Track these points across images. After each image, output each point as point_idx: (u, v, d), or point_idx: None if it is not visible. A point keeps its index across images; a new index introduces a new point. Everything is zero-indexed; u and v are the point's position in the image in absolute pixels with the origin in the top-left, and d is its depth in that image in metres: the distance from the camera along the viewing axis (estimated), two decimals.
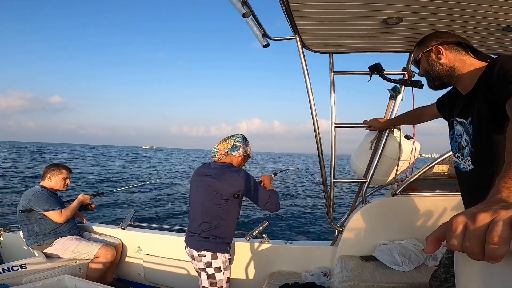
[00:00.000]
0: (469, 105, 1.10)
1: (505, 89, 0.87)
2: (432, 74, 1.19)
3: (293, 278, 2.26)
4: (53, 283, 1.85)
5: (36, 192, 2.60)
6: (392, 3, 1.38)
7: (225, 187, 1.76)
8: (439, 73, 1.16)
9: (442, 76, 1.16)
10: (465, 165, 1.14)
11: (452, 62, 1.13)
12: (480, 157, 1.06)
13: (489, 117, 0.99)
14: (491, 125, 0.99)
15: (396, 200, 2.23)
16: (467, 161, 1.12)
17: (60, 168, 2.81)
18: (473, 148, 1.08)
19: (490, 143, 1.01)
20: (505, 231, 0.41)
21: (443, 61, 1.14)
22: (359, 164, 2.19)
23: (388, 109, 2.07)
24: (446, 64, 1.14)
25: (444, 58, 1.14)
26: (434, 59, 1.16)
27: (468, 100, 1.10)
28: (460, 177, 1.21)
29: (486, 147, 1.03)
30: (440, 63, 1.15)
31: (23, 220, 2.59)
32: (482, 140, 1.04)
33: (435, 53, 1.15)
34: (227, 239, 1.85)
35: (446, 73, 1.15)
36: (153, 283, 2.79)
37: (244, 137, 1.98)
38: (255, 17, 1.55)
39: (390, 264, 2.00)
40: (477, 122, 1.05)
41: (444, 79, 1.16)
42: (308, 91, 1.88)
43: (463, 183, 1.20)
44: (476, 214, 0.45)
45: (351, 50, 1.98)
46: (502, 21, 1.49)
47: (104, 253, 2.59)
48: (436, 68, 1.16)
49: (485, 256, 0.43)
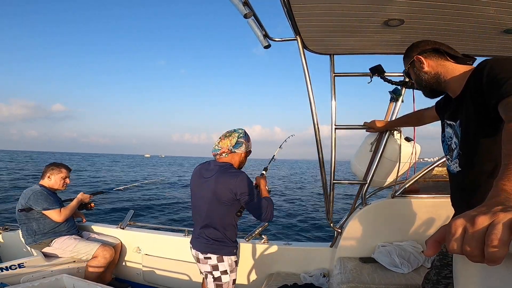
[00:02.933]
0: (458, 108, 1.11)
1: (496, 92, 0.87)
2: (421, 84, 1.22)
3: (292, 279, 2.26)
4: (51, 283, 1.85)
5: (35, 191, 2.59)
6: (394, 5, 1.38)
7: (223, 191, 1.69)
8: (426, 81, 1.19)
9: (430, 83, 1.19)
10: (453, 167, 1.16)
11: (435, 69, 1.16)
12: (466, 159, 1.08)
13: (477, 120, 1.00)
14: (478, 128, 1.00)
15: (395, 202, 2.23)
16: (455, 163, 1.14)
17: (60, 167, 2.80)
18: (461, 150, 1.09)
19: (476, 146, 1.02)
20: (504, 234, 0.41)
21: (426, 69, 1.18)
22: (359, 165, 2.19)
23: (389, 111, 2.07)
24: (430, 72, 1.17)
25: (426, 66, 1.17)
26: (418, 69, 1.20)
27: (458, 103, 1.12)
28: (450, 178, 1.23)
29: (472, 150, 1.04)
30: (424, 72, 1.18)
31: (22, 219, 2.58)
32: (469, 142, 1.05)
33: (417, 63, 1.19)
34: (233, 241, 1.80)
35: (432, 80, 1.18)
36: (151, 283, 2.79)
37: (246, 132, 1.87)
38: (256, 18, 1.55)
39: (389, 266, 1.99)
40: (465, 125, 1.07)
41: (433, 86, 1.19)
42: (309, 92, 1.88)
43: (451, 185, 1.22)
44: (475, 217, 0.46)
45: (352, 52, 1.98)
46: (504, 23, 1.49)
47: (102, 252, 2.59)
48: (422, 77, 1.20)
49: (484, 259, 0.43)
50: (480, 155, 1.02)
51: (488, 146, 0.99)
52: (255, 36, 1.64)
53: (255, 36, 1.64)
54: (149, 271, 2.77)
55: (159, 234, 2.85)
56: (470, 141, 1.05)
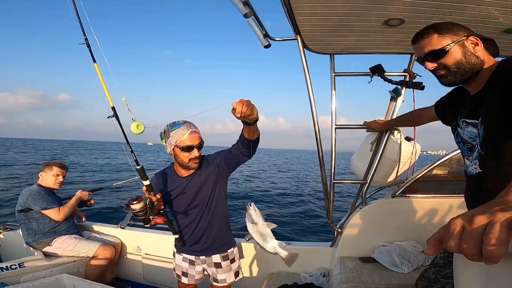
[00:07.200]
0: (479, 105, 1.04)
1: None
2: (464, 67, 1.04)
3: (292, 279, 2.26)
4: (51, 282, 1.85)
5: (33, 191, 2.59)
6: (394, 5, 1.37)
7: None
8: (473, 65, 1.03)
9: (474, 69, 1.04)
10: (472, 168, 1.09)
11: (483, 56, 1.04)
12: (488, 160, 1.01)
13: (503, 119, 0.94)
14: (505, 127, 0.94)
15: (395, 201, 2.22)
16: (474, 164, 1.07)
17: (51, 165, 2.74)
18: (482, 150, 1.02)
19: (499, 146, 0.96)
20: (502, 233, 0.42)
21: (479, 54, 1.03)
22: (360, 165, 2.19)
23: (389, 111, 2.07)
24: (480, 58, 1.03)
25: (481, 51, 1.04)
26: (471, 50, 1.03)
27: (478, 100, 1.05)
28: (467, 180, 1.16)
29: (495, 150, 0.98)
30: (476, 56, 1.03)
31: (21, 219, 2.59)
32: (492, 142, 0.99)
33: (471, 43, 1.04)
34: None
35: (477, 68, 1.04)
36: (152, 282, 2.79)
37: (168, 125, 1.64)
38: (256, 17, 1.55)
39: (389, 266, 1.99)
40: (488, 123, 0.99)
41: (473, 73, 1.05)
42: (309, 92, 1.88)
43: (468, 187, 1.15)
44: (474, 215, 0.46)
45: (352, 51, 1.97)
46: (505, 23, 1.48)
47: (103, 252, 2.59)
48: (471, 60, 1.03)
49: (482, 257, 0.43)
50: (503, 156, 0.96)
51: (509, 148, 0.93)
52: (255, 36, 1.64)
53: (255, 35, 1.64)
54: (149, 270, 2.77)
55: (159, 234, 2.85)
56: (493, 141, 0.98)
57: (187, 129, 1.59)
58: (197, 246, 1.79)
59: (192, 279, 1.86)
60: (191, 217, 1.75)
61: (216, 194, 1.74)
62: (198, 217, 1.75)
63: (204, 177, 1.72)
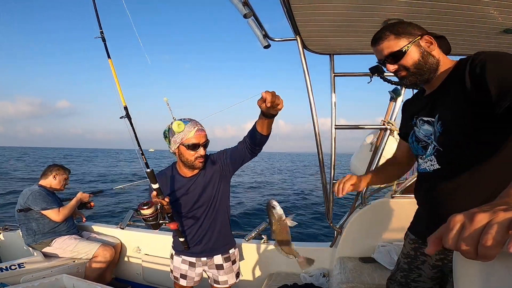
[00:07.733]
0: (436, 102, 1.03)
1: (506, 95, 0.80)
2: (422, 67, 1.03)
3: (292, 279, 2.26)
4: (51, 283, 1.84)
5: (34, 191, 2.60)
6: (393, 5, 1.37)
7: None
8: (430, 65, 1.02)
9: (431, 69, 1.03)
10: (426, 165, 1.06)
11: (438, 55, 1.04)
12: (447, 156, 1.00)
13: (465, 114, 0.92)
14: (466, 122, 0.93)
15: (395, 201, 2.22)
16: (430, 161, 1.05)
17: (64, 169, 2.89)
18: (440, 147, 1.01)
19: (461, 141, 0.96)
20: (499, 234, 0.42)
21: (434, 53, 1.03)
22: (359, 165, 2.19)
23: (389, 111, 2.07)
24: (435, 57, 1.03)
25: (435, 50, 1.03)
26: (427, 50, 1.02)
27: (436, 97, 1.04)
28: (419, 179, 1.14)
29: (456, 145, 0.97)
30: (432, 55, 1.02)
31: (21, 219, 2.59)
32: (452, 137, 0.97)
33: (427, 42, 1.03)
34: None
35: (435, 67, 1.03)
36: (151, 283, 2.78)
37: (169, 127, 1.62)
38: (256, 18, 1.55)
39: (389, 266, 1.99)
40: (447, 119, 0.98)
41: (431, 74, 1.04)
42: (309, 92, 1.88)
43: (422, 185, 1.12)
44: (474, 214, 0.46)
45: (352, 52, 1.97)
46: (503, 23, 1.48)
47: (102, 252, 2.59)
48: (428, 60, 1.02)
49: (477, 256, 0.43)
50: (465, 152, 0.95)
51: (474, 145, 0.93)
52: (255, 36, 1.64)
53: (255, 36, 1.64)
54: (149, 271, 2.77)
55: (159, 234, 2.85)
56: (453, 136, 0.97)
57: (193, 126, 1.55)
58: (199, 247, 1.76)
59: (191, 281, 1.82)
60: (194, 218, 1.73)
61: (220, 193, 1.72)
62: (201, 217, 1.72)
63: (208, 176, 1.69)
